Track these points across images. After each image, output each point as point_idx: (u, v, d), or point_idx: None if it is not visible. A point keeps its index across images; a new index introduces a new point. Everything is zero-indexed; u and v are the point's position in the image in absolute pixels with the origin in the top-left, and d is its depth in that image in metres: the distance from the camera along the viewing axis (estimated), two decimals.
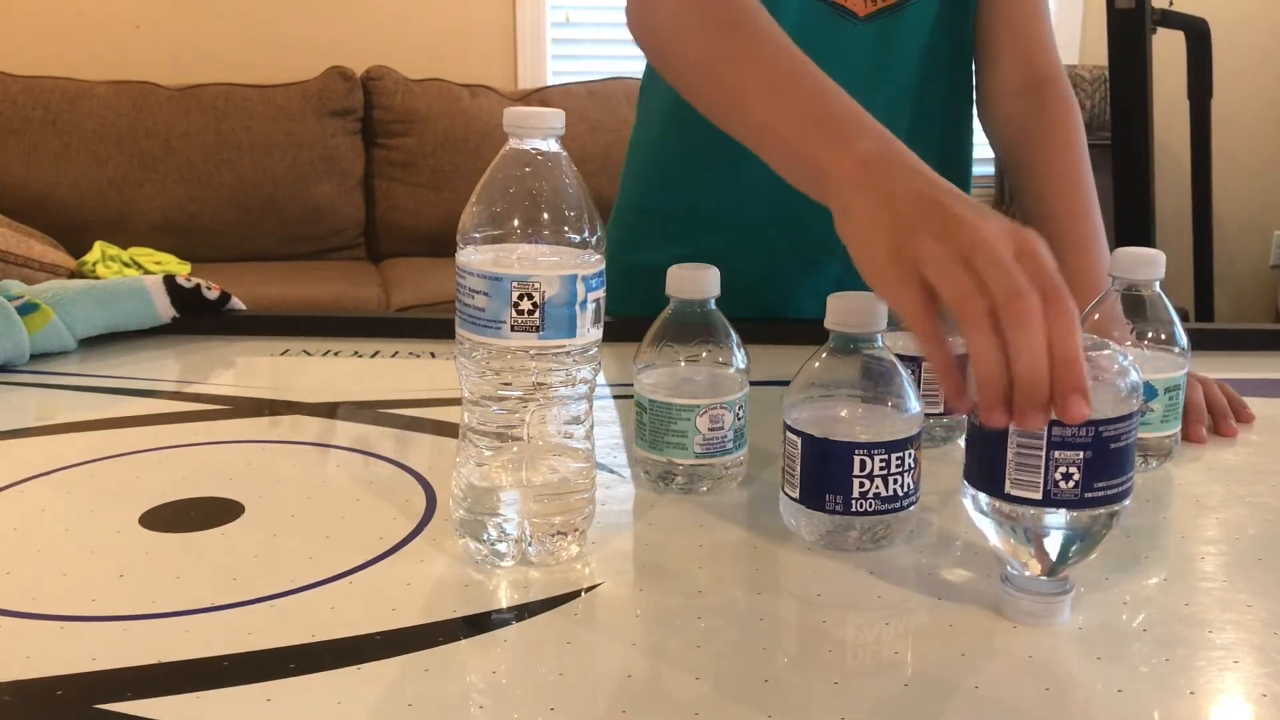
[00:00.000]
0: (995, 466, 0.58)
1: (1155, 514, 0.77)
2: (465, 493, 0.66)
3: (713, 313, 0.77)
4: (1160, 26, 2.87)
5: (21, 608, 0.61)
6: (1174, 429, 0.81)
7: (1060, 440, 0.56)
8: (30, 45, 3.28)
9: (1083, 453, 0.56)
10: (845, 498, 0.66)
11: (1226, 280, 3.70)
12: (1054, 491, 0.57)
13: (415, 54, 3.46)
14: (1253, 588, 0.65)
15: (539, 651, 0.58)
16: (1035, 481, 0.57)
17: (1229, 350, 1.13)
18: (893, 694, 0.54)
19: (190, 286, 1.16)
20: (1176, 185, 3.39)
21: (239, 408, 0.96)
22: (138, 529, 0.71)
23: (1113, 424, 0.57)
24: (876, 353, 0.68)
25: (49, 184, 3.15)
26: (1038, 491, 0.57)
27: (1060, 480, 0.57)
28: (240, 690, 0.54)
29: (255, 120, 3.28)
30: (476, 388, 0.65)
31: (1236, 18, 3.73)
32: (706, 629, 0.60)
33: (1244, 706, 0.54)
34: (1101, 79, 3.76)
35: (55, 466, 0.81)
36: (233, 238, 3.26)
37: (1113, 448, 0.57)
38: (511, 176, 0.63)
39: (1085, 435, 0.56)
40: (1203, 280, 3.30)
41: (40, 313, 1.06)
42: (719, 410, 0.75)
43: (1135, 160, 2.89)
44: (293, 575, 0.64)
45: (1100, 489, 0.57)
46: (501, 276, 0.62)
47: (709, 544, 0.70)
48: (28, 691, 0.54)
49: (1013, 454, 0.57)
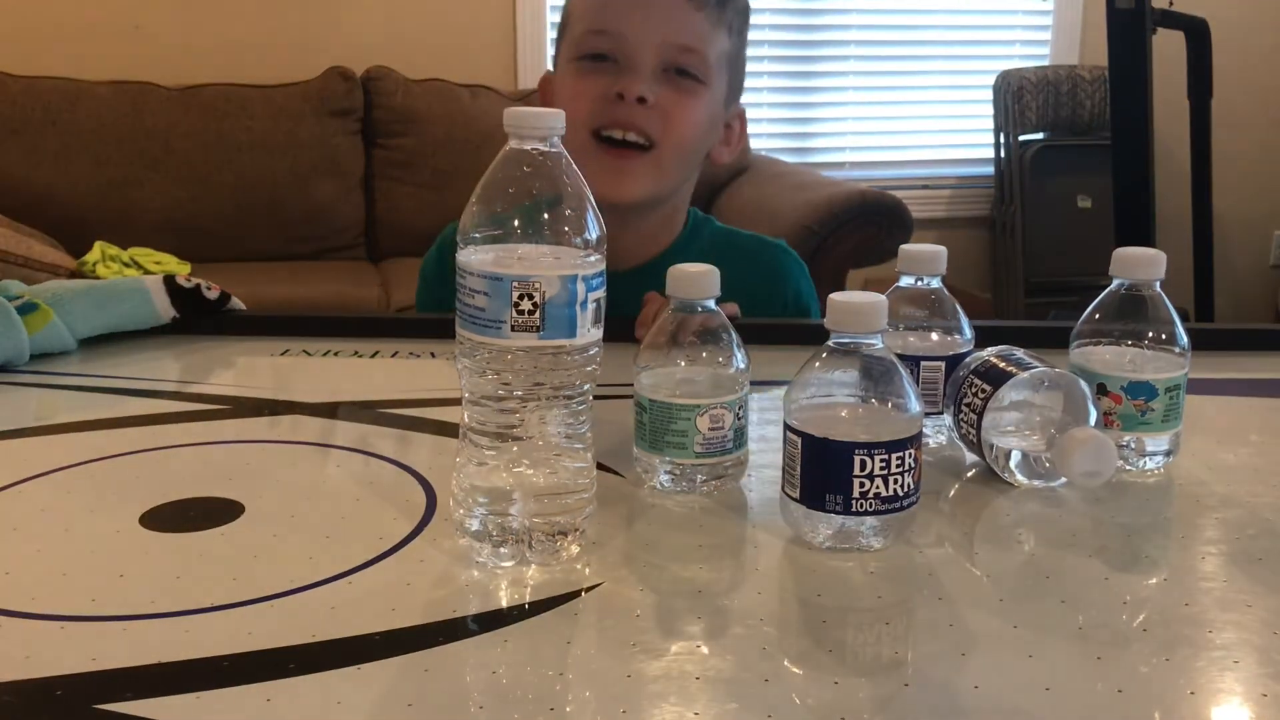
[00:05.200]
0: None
1: (1155, 514, 0.77)
2: (465, 493, 0.66)
3: (713, 313, 0.77)
4: (1160, 26, 2.87)
5: (21, 608, 0.61)
6: (1174, 429, 0.81)
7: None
8: (30, 45, 3.28)
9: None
10: (845, 498, 0.66)
11: (1226, 280, 3.70)
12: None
13: (415, 54, 3.46)
14: (1253, 588, 0.65)
15: (539, 651, 0.58)
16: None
17: (1229, 350, 1.13)
18: (893, 694, 0.54)
19: (190, 286, 1.16)
20: (1176, 185, 3.39)
21: (239, 408, 0.96)
22: (138, 529, 0.71)
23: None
24: (876, 353, 0.68)
25: (49, 184, 3.15)
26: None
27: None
28: (240, 690, 0.54)
29: (255, 120, 3.27)
30: (477, 388, 0.65)
31: (1236, 18, 3.73)
32: (706, 629, 0.60)
33: (1244, 706, 0.54)
34: (1101, 79, 3.76)
35: (55, 466, 0.81)
36: (233, 238, 3.26)
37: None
38: (512, 176, 0.63)
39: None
40: (1203, 280, 3.30)
41: (40, 313, 1.06)
42: (719, 410, 0.75)
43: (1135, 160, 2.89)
44: (293, 575, 0.64)
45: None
46: (502, 276, 0.62)
47: (709, 544, 0.70)
48: (27, 691, 0.54)
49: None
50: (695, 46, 1.14)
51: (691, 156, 1.19)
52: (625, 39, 1.13)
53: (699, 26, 1.15)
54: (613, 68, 1.13)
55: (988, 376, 0.78)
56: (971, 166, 3.98)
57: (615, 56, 1.13)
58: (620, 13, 1.14)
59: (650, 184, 1.16)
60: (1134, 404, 0.80)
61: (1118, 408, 0.80)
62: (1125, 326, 0.82)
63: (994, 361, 0.79)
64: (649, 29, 1.13)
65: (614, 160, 1.13)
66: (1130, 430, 0.80)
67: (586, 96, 1.13)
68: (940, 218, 3.96)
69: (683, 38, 1.14)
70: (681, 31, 1.14)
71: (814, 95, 3.97)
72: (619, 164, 1.13)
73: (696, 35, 1.14)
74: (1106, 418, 0.80)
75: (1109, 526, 0.74)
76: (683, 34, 1.14)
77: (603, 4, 1.15)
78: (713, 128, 1.19)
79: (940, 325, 0.88)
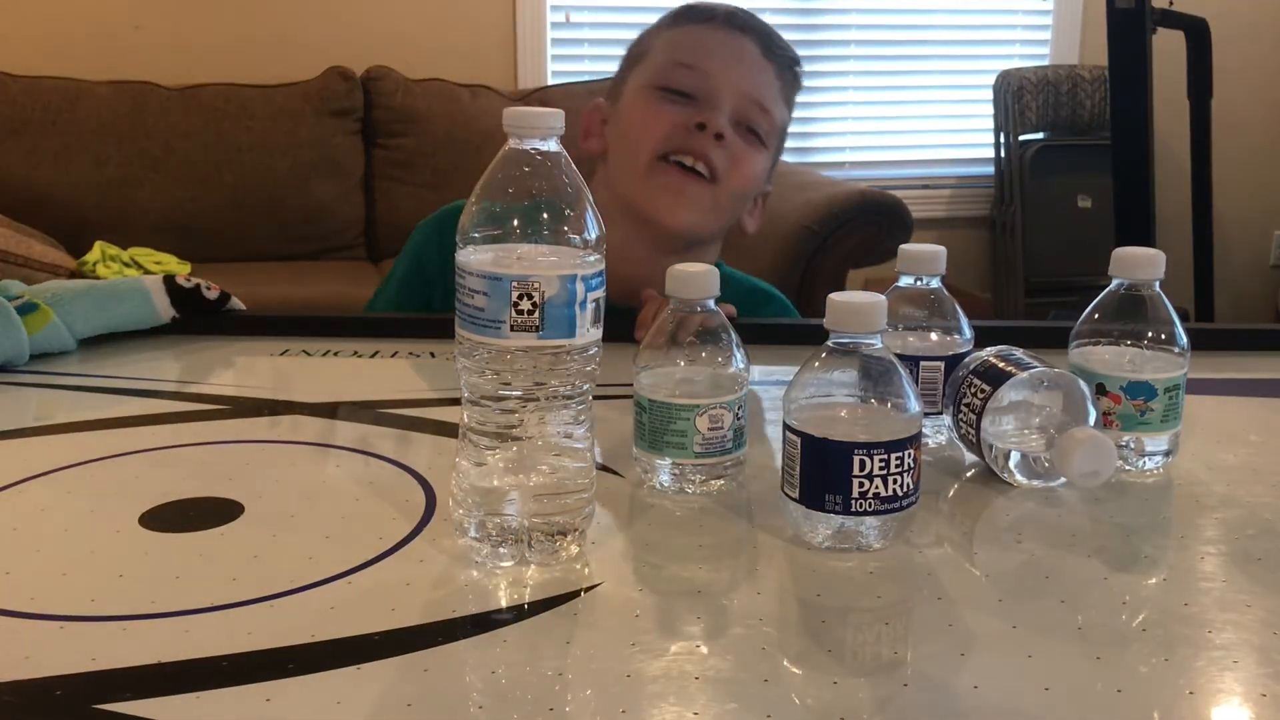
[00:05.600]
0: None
1: (1155, 514, 0.77)
2: (465, 492, 0.66)
3: (713, 313, 0.77)
4: (1160, 26, 2.88)
5: (21, 608, 0.61)
6: (1174, 429, 0.81)
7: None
8: (30, 45, 3.28)
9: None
10: (845, 498, 0.66)
11: (1226, 280, 3.70)
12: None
13: (415, 54, 3.46)
14: (1252, 588, 0.65)
15: (539, 651, 0.58)
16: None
17: (1229, 350, 1.13)
18: (893, 695, 0.55)
19: (190, 286, 1.16)
20: (1176, 185, 3.39)
21: (239, 408, 0.96)
22: (138, 529, 0.71)
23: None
24: (876, 353, 0.68)
25: (49, 184, 3.14)
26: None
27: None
28: (240, 690, 0.54)
29: (255, 120, 3.27)
30: (476, 388, 0.65)
31: (1236, 18, 3.73)
32: (706, 629, 0.60)
33: (1243, 706, 0.54)
34: (1101, 79, 3.76)
35: (55, 466, 0.81)
36: (233, 238, 3.25)
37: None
38: (511, 176, 0.63)
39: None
40: (1203, 280, 3.30)
41: (40, 313, 1.06)
42: (719, 410, 0.75)
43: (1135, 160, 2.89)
44: (292, 575, 0.64)
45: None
46: (501, 276, 0.62)
47: (709, 544, 0.70)
48: (27, 691, 0.54)
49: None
50: (768, 107, 1.19)
51: (740, 206, 1.22)
52: (710, 78, 1.16)
53: (773, 89, 1.19)
54: (688, 103, 1.16)
55: (987, 376, 0.78)
56: (971, 166, 3.98)
57: (696, 94, 1.16)
58: (711, 53, 1.17)
59: (701, 215, 1.19)
60: (1133, 404, 0.80)
61: (1117, 408, 0.80)
62: (1125, 326, 0.82)
63: (993, 361, 0.79)
64: (734, 77, 1.17)
65: (677, 180, 1.15)
66: (1129, 430, 0.80)
67: (663, 122, 1.16)
68: (940, 218, 3.96)
69: (760, 95, 1.18)
70: (760, 89, 1.18)
71: (814, 95, 3.97)
72: (680, 185, 1.15)
73: (770, 97, 1.19)
74: (1106, 418, 0.80)
75: (1108, 526, 0.74)
76: (761, 91, 1.18)
77: (695, 42, 1.19)
78: (758, 189, 1.23)
79: (940, 325, 0.88)
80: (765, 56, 1.19)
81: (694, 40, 1.19)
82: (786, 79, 1.21)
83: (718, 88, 1.16)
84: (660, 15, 1.25)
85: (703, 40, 1.19)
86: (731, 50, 1.18)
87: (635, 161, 1.17)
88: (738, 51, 1.18)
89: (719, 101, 1.16)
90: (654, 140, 1.16)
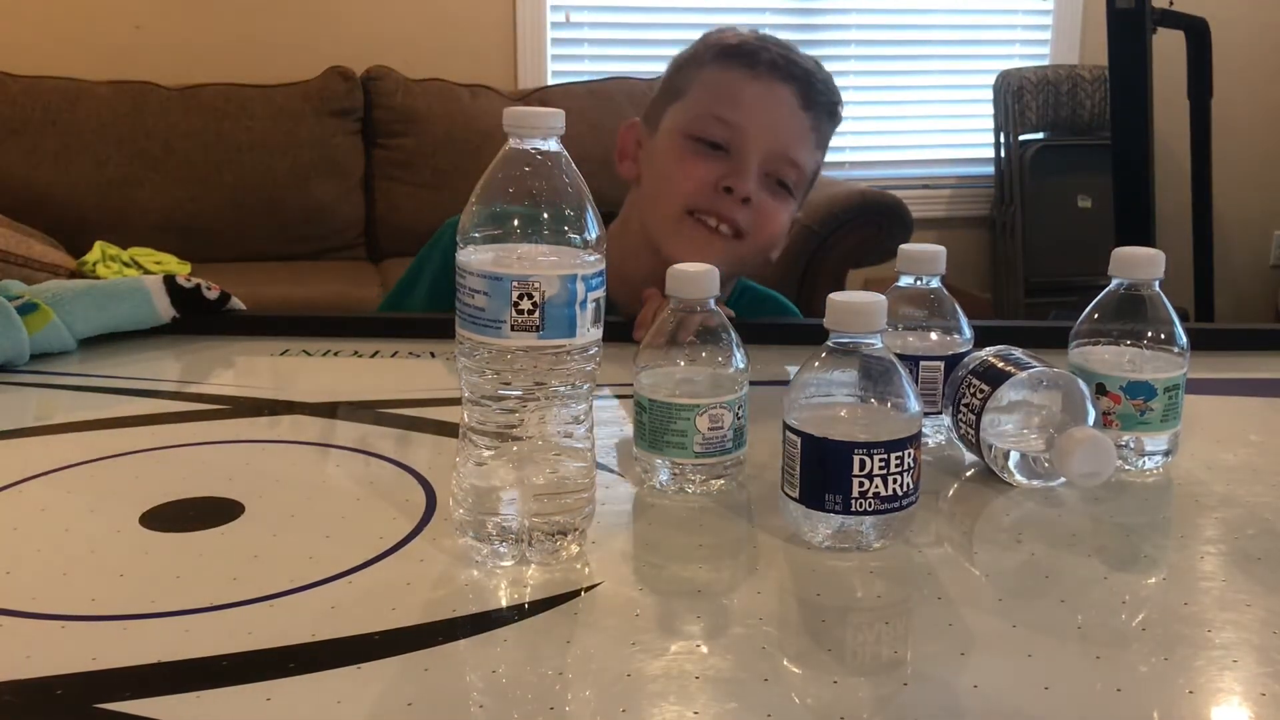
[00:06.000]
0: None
1: (1155, 513, 0.77)
2: (465, 492, 0.66)
3: (713, 313, 0.77)
4: (1160, 26, 2.88)
5: (21, 607, 0.61)
6: (1173, 428, 0.81)
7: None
8: (30, 45, 3.28)
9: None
10: (845, 497, 0.66)
11: (1226, 280, 3.70)
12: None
13: (415, 54, 3.46)
14: (1252, 587, 0.65)
15: (539, 651, 0.58)
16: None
17: (1229, 350, 1.13)
18: (893, 694, 0.55)
19: (190, 286, 1.16)
20: (1176, 185, 3.39)
21: (239, 408, 0.96)
22: (138, 529, 0.71)
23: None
24: (876, 353, 0.68)
25: (49, 184, 3.14)
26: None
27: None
28: (240, 690, 0.54)
29: (255, 120, 3.27)
30: (476, 387, 0.65)
31: (1236, 18, 3.73)
32: (706, 629, 0.60)
33: (1243, 706, 0.54)
34: (1101, 79, 3.76)
35: (55, 466, 0.81)
36: (233, 238, 3.25)
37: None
38: (511, 176, 0.63)
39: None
40: (1203, 280, 3.30)
41: (40, 313, 1.06)
42: (719, 410, 0.75)
43: (1135, 160, 2.89)
44: (293, 575, 0.64)
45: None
46: (501, 276, 0.62)
47: (709, 544, 0.70)
48: (28, 691, 0.54)
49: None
50: (799, 162, 1.19)
51: (765, 255, 1.23)
52: (744, 133, 1.16)
53: (807, 141, 1.19)
54: (722, 157, 1.16)
55: (987, 376, 0.78)
56: (971, 166, 3.98)
57: (728, 147, 1.16)
58: (748, 108, 1.17)
59: (727, 267, 1.20)
60: (1133, 404, 0.80)
61: (1117, 407, 0.80)
62: (1124, 326, 0.82)
63: (993, 361, 0.79)
64: (767, 132, 1.17)
65: (703, 236, 1.17)
66: (1129, 430, 0.80)
67: (693, 178, 1.17)
68: (940, 218, 3.96)
69: (792, 151, 1.18)
70: (793, 144, 1.18)
71: None
72: (706, 240, 1.17)
73: (803, 151, 1.19)
74: (1105, 417, 0.80)
75: (1108, 526, 0.74)
76: (793, 146, 1.18)
77: (734, 94, 1.17)
78: (783, 239, 1.24)
79: (939, 325, 0.88)
80: (804, 108, 1.18)
81: (733, 91, 1.17)
82: (823, 126, 1.21)
83: (750, 143, 1.16)
84: (706, 39, 1.23)
85: (741, 92, 1.17)
86: (769, 104, 1.17)
87: (663, 210, 1.19)
88: (775, 105, 1.17)
89: (747, 159, 1.16)
90: (682, 196, 1.17)
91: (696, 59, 1.22)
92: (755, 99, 1.17)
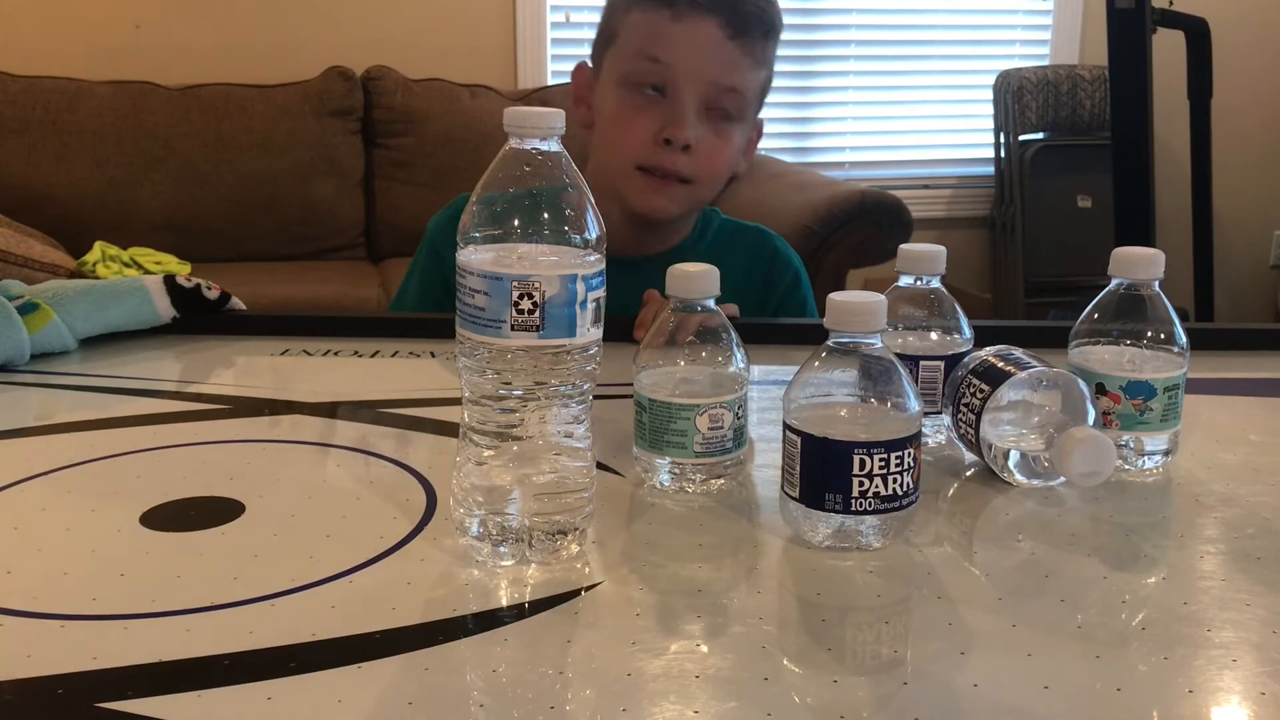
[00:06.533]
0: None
1: (1155, 513, 0.77)
2: (466, 492, 0.66)
3: (713, 313, 0.77)
4: (1160, 26, 2.88)
5: (22, 607, 0.61)
6: (1173, 428, 0.81)
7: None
8: (30, 45, 3.28)
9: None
10: (845, 497, 0.66)
11: (1226, 280, 3.70)
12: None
13: (415, 54, 3.45)
14: (1251, 587, 0.65)
15: (539, 651, 0.58)
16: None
17: (1229, 350, 1.14)
18: (893, 694, 0.55)
19: (190, 286, 1.16)
20: (1176, 185, 3.39)
21: (239, 408, 0.96)
22: (138, 528, 0.71)
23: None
24: (876, 353, 0.68)
25: (49, 184, 3.14)
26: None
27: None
28: (240, 689, 0.54)
29: (255, 120, 3.27)
30: (477, 387, 0.65)
31: (1236, 18, 3.73)
32: (706, 628, 0.60)
33: (1242, 705, 0.54)
34: (1101, 79, 3.76)
35: (55, 466, 0.81)
36: (233, 238, 3.25)
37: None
38: (512, 176, 0.64)
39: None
40: (1203, 280, 3.31)
41: (40, 313, 1.06)
42: (719, 410, 0.75)
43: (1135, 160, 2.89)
44: (293, 574, 0.64)
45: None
46: (502, 276, 0.62)
47: (709, 543, 0.70)
48: (28, 690, 0.54)
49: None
50: (738, 88, 1.18)
51: (721, 184, 1.24)
52: (674, 71, 1.16)
53: (743, 67, 1.18)
54: (659, 101, 1.17)
55: (986, 376, 0.78)
56: (971, 166, 3.98)
57: (662, 88, 1.16)
58: (672, 45, 1.16)
59: (682, 207, 1.23)
60: (1133, 403, 0.80)
61: (1116, 407, 0.80)
62: (1124, 326, 0.82)
63: (993, 361, 0.79)
64: (697, 68, 1.16)
65: (654, 184, 1.18)
66: (1129, 430, 0.80)
67: (634, 135, 1.17)
68: (940, 218, 3.96)
69: (726, 79, 1.17)
70: (726, 73, 1.17)
71: (814, 95, 3.97)
72: (658, 187, 1.18)
73: (740, 77, 1.18)
74: (1105, 417, 0.80)
75: (1108, 526, 0.74)
76: (727, 75, 1.17)
77: (656, 33, 1.17)
78: (736, 165, 1.24)
79: (939, 325, 0.88)
80: (732, 37, 1.16)
81: (654, 30, 1.16)
82: (759, 48, 1.18)
83: (682, 83, 1.15)
84: None
85: (666, 33, 1.16)
86: (694, 42, 1.16)
87: (614, 165, 1.20)
88: (700, 42, 1.16)
89: (683, 99, 1.15)
90: (626, 152, 1.18)
91: (623, 2, 1.21)
92: (680, 39, 1.16)
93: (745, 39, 1.17)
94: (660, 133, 1.16)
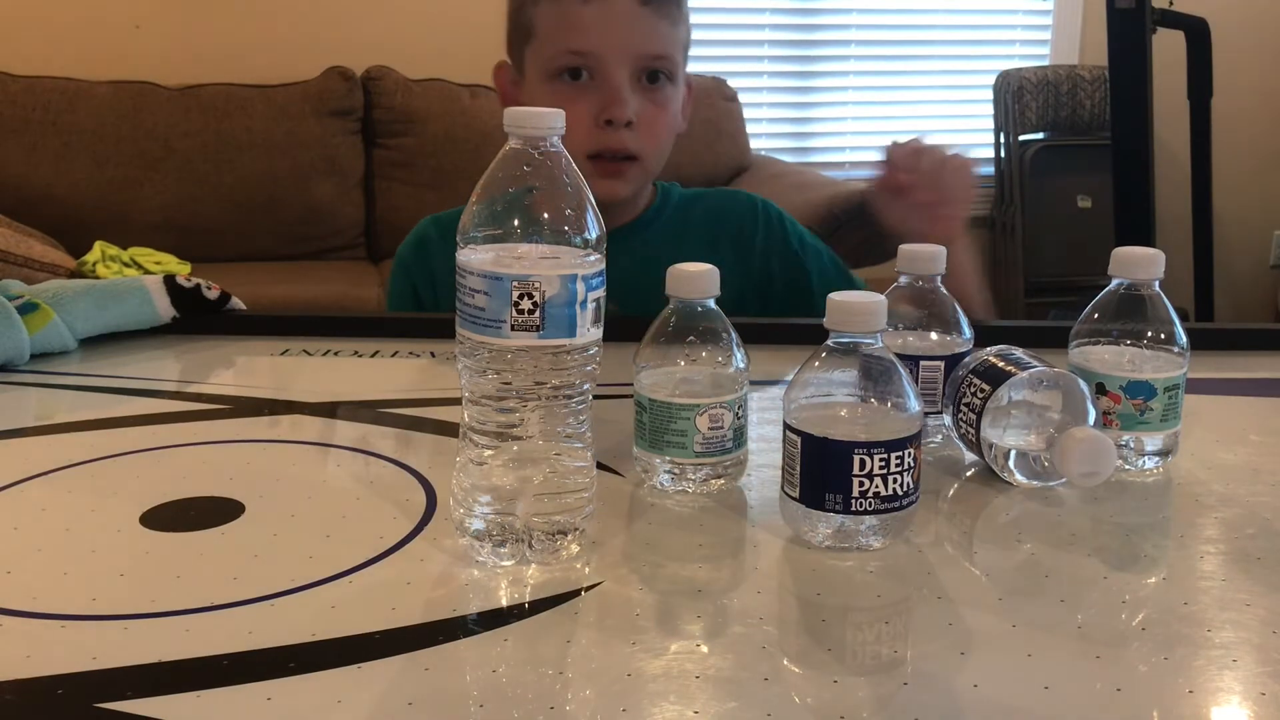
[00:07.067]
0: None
1: (1154, 513, 0.77)
2: (465, 492, 0.66)
3: (713, 313, 0.77)
4: (1160, 26, 2.88)
5: (22, 607, 0.61)
6: (1173, 428, 0.81)
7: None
8: (30, 45, 3.28)
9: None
10: (845, 497, 0.66)
11: (1226, 280, 3.70)
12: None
13: (415, 54, 3.45)
14: (1251, 587, 0.65)
15: (539, 651, 0.58)
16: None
17: (1229, 350, 1.14)
18: (893, 694, 0.55)
19: (190, 286, 1.16)
20: (1176, 185, 3.39)
21: (239, 408, 0.96)
22: (138, 528, 0.71)
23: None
24: (876, 352, 0.68)
25: (49, 184, 3.15)
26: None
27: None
28: (240, 689, 0.54)
29: (255, 120, 3.27)
30: (477, 387, 0.65)
31: (1236, 18, 3.73)
32: (706, 628, 0.60)
33: (1242, 705, 0.54)
34: (1101, 79, 3.76)
35: (55, 466, 0.81)
36: (233, 238, 3.25)
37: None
38: (512, 176, 0.64)
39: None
40: (1203, 280, 3.31)
41: (40, 313, 1.06)
42: (719, 410, 0.75)
43: (1135, 160, 2.89)
44: (293, 574, 0.64)
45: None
46: (502, 276, 0.62)
47: (709, 543, 0.70)
48: (28, 690, 0.54)
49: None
50: (664, 53, 1.18)
51: (669, 148, 1.25)
52: (600, 58, 1.16)
53: (664, 31, 1.18)
54: (589, 85, 1.16)
55: (987, 376, 0.78)
56: None
57: (591, 72, 1.16)
58: (591, 31, 1.16)
59: (639, 183, 1.24)
60: (1133, 403, 0.80)
61: (1116, 407, 0.80)
62: (1124, 326, 0.82)
63: (993, 361, 0.79)
64: (621, 49, 1.16)
65: (607, 168, 1.19)
66: (1129, 430, 0.80)
67: (575, 125, 1.16)
68: None
69: (651, 48, 1.17)
70: (649, 42, 1.17)
71: (814, 95, 3.97)
72: (612, 170, 1.19)
73: (663, 43, 1.18)
74: (1105, 417, 0.80)
75: (1108, 526, 0.74)
76: (651, 44, 1.17)
77: (573, 26, 1.16)
78: (679, 112, 1.24)
79: (939, 325, 0.88)
80: (644, 3, 1.16)
81: (568, 21, 1.16)
82: (673, 5, 1.18)
83: (608, 64, 1.16)
84: None
85: (580, 19, 1.15)
86: (608, 19, 1.15)
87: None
88: (614, 16, 1.16)
89: (614, 78, 1.16)
90: (573, 145, 1.17)
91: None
92: (595, 22, 1.16)
93: (658, 2, 1.17)
94: (600, 115, 1.16)
